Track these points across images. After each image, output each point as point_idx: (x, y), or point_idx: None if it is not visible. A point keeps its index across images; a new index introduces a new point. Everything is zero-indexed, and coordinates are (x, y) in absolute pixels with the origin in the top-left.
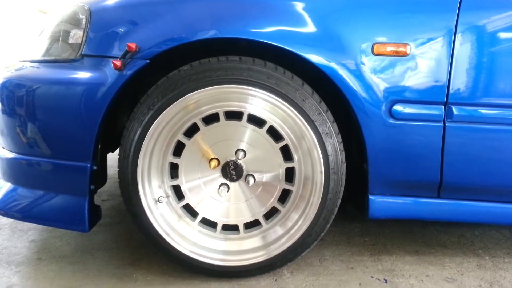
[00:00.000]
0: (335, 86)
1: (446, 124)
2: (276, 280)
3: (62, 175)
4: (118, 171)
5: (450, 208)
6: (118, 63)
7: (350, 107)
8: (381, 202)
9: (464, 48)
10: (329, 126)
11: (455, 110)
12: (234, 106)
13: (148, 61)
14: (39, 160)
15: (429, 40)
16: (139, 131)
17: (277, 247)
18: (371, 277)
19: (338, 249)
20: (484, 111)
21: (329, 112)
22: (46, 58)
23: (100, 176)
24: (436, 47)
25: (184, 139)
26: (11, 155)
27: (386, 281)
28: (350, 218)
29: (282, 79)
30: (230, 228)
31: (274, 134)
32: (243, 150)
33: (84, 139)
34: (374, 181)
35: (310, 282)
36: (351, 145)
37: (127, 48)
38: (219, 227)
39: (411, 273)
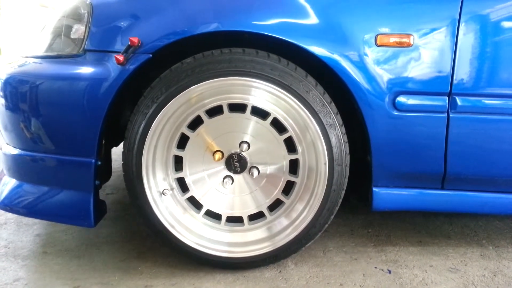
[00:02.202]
0: (338, 78)
1: (450, 115)
2: (280, 271)
3: (66, 171)
4: (123, 164)
5: (454, 199)
6: (121, 57)
7: (353, 99)
8: (385, 194)
9: (468, 38)
10: (333, 118)
11: (459, 100)
12: (237, 98)
13: (151, 55)
14: (43, 156)
15: (433, 30)
16: (143, 124)
17: (282, 238)
18: (375, 268)
19: (341, 241)
20: (488, 101)
21: (332, 104)
22: (49, 53)
23: (104, 171)
24: (440, 37)
25: (188, 132)
26: (16, 151)
27: (389, 272)
28: (353, 209)
29: (285, 70)
30: (235, 220)
31: (278, 126)
32: (247, 142)
33: (88, 135)
34: (378, 173)
35: (314, 273)
36: (355, 137)
37: (129, 43)
38: (223, 219)
39: (414, 264)
